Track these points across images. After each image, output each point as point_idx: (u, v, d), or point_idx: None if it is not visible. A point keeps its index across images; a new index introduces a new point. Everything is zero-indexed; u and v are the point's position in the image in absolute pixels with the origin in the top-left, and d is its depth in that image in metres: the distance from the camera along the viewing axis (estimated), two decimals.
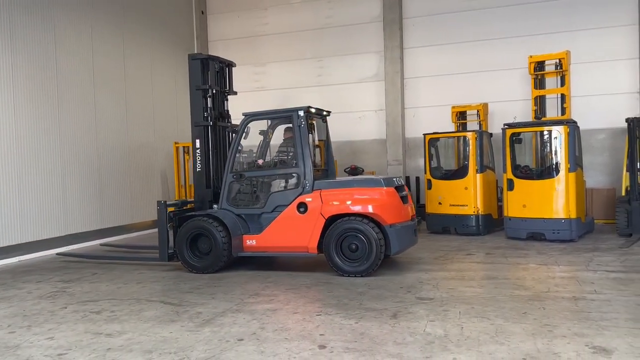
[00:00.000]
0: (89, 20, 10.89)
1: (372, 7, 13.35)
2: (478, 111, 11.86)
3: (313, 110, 7.48)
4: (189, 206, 8.09)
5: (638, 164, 9.20)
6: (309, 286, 6.43)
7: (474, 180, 10.04)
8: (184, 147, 12.76)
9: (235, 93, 8.49)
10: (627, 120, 9.45)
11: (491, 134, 11.06)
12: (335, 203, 6.91)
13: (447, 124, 11.93)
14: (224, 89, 8.28)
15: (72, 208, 10.18)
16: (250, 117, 7.51)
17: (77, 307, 5.75)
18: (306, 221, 6.99)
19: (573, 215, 8.87)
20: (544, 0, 11.91)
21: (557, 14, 11.80)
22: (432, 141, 10.75)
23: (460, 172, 10.48)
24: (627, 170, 9.46)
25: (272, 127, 7.83)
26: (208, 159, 7.89)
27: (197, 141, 7.83)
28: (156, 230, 7.70)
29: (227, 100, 8.34)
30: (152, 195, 12.52)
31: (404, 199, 7.16)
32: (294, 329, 4.73)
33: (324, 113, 7.96)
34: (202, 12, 14.91)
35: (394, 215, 6.89)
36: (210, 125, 7.87)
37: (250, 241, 7.31)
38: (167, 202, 7.69)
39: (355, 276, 6.74)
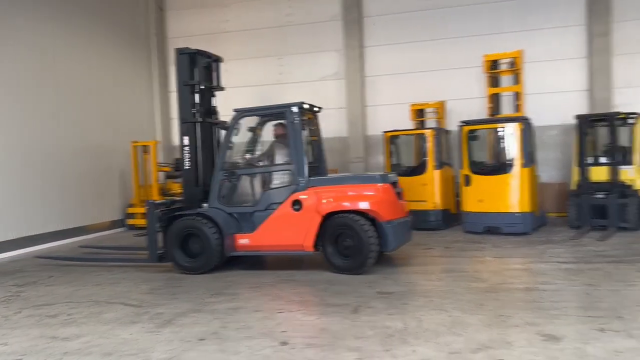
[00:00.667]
0: (46, 17, 10.55)
1: (332, 5, 13.39)
2: (436, 109, 12.11)
3: (306, 107, 7.34)
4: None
5: (586, 159, 9.59)
6: (272, 284, 6.44)
7: (433, 177, 10.26)
8: (142, 146, 12.53)
9: (223, 89, 8.21)
10: (576, 117, 9.84)
11: (449, 131, 11.32)
12: (331, 200, 6.79)
13: (406, 122, 12.12)
14: (212, 85, 8.04)
15: (28, 209, 9.82)
16: (242, 113, 7.36)
17: (32, 312, 5.60)
18: (301, 219, 6.85)
19: (527, 210, 9.18)
20: (499, 0, 12.26)
21: (511, 15, 12.14)
22: (392, 138, 10.92)
23: (419, 169, 10.67)
24: (577, 165, 9.84)
25: (261, 124, 7.71)
26: (196, 156, 7.69)
27: (186, 138, 7.60)
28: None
29: (214, 96, 8.10)
30: (110, 195, 12.23)
31: (399, 195, 7.19)
32: (256, 327, 4.75)
33: (315, 109, 7.79)
34: (161, 9, 14.66)
35: (391, 212, 6.85)
36: (199, 122, 7.66)
37: (243, 240, 7.15)
38: (156, 202, 7.44)
39: (350, 274, 6.63)
